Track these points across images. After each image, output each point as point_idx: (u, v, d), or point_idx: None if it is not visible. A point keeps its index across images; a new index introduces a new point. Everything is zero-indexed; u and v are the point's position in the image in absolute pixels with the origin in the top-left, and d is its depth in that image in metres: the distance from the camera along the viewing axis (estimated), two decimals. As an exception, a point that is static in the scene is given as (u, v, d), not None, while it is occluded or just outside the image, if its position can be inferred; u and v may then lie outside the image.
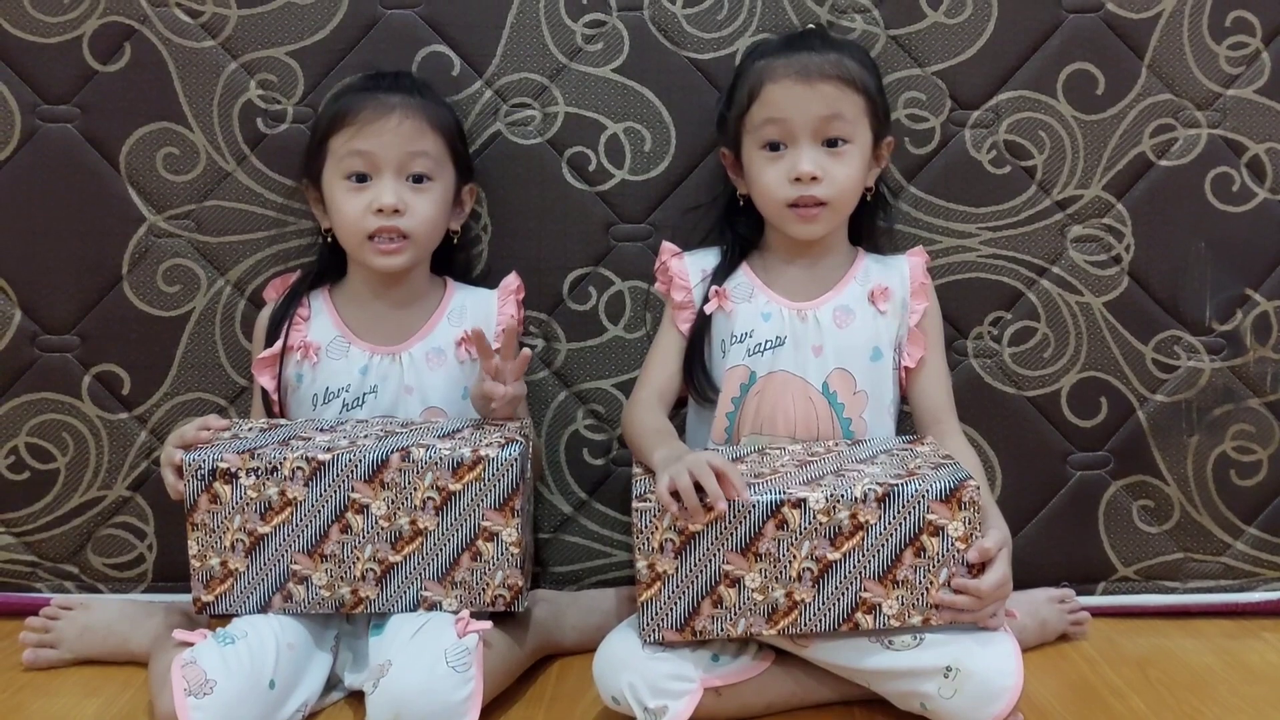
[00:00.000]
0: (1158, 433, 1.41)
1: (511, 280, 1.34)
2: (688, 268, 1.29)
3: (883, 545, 1.09)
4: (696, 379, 1.27)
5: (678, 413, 1.33)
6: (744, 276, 1.29)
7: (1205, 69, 1.39)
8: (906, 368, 1.28)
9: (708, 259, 1.30)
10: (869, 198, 1.29)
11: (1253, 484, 1.42)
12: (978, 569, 1.09)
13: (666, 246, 1.31)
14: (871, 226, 1.33)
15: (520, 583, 1.17)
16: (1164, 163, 1.40)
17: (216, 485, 1.14)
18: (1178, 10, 1.38)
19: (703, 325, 1.27)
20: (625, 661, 1.11)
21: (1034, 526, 1.42)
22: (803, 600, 1.09)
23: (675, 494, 1.07)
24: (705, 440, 1.28)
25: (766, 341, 1.25)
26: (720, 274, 1.28)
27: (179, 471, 1.16)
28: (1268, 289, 1.41)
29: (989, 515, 1.13)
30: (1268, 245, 1.40)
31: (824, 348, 1.25)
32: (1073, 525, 1.42)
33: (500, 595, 1.17)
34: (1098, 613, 1.39)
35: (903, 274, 1.29)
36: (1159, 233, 1.40)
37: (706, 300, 1.27)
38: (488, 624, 1.14)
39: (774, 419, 1.24)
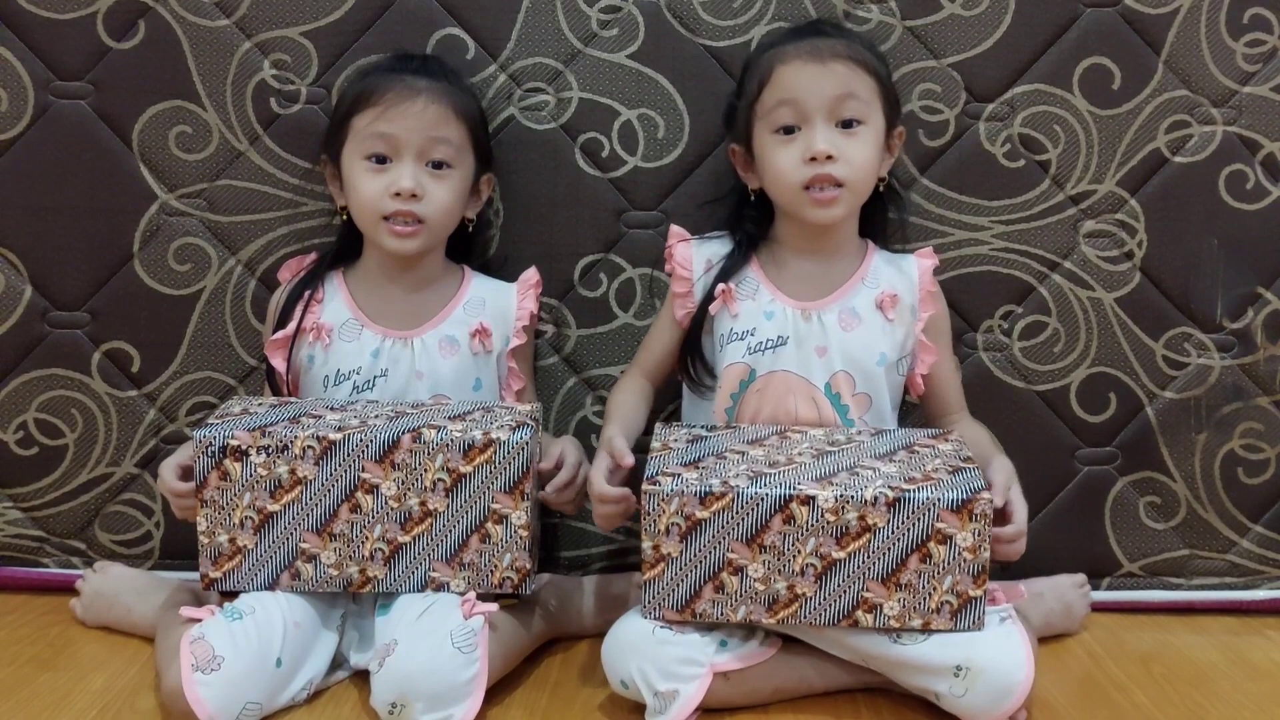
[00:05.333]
0: (1166, 429, 1.41)
1: (531, 275, 1.34)
2: (693, 256, 1.29)
3: (889, 548, 1.09)
4: (694, 369, 1.27)
5: (673, 407, 1.34)
6: (751, 272, 1.28)
7: (1222, 66, 1.38)
8: (920, 374, 1.29)
9: (716, 246, 1.30)
10: (880, 188, 1.28)
11: (1260, 482, 1.42)
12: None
13: (675, 230, 1.31)
14: (883, 220, 1.33)
15: (528, 566, 1.17)
16: (1178, 159, 1.39)
17: (227, 462, 1.14)
18: (1195, 6, 1.38)
19: (701, 317, 1.27)
20: (635, 646, 1.11)
21: (1041, 521, 1.41)
22: (804, 594, 1.10)
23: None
24: None
25: (768, 341, 1.25)
26: (728, 269, 1.28)
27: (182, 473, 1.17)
28: (1279, 287, 1.41)
29: (989, 459, 1.19)
30: (1280, 243, 1.40)
31: (829, 349, 1.24)
32: (1079, 520, 1.42)
33: (508, 578, 1.17)
34: (1102, 608, 1.40)
35: (911, 279, 1.28)
36: (1172, 229, 1.39)
37: (711, 298, 1.26)
38: (494, 606, 1.14)
39: (775, 417, 1.24)
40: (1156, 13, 1.38)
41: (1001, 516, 1.13)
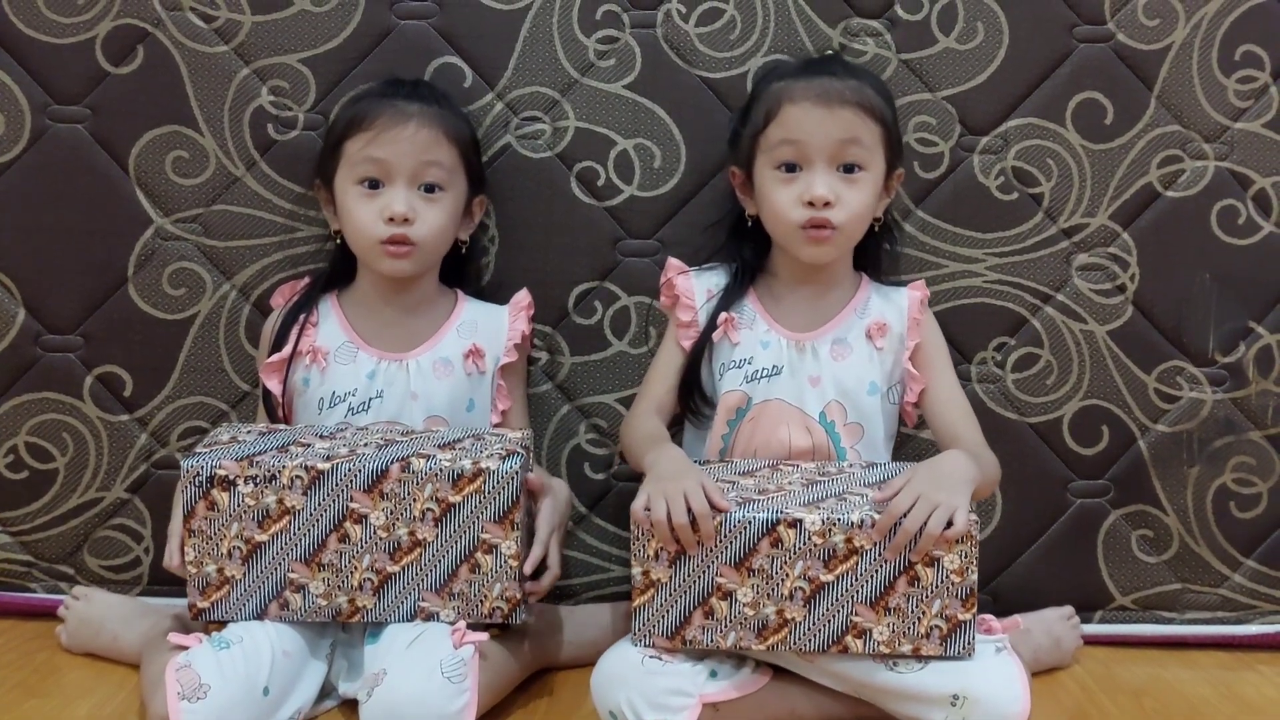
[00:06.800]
0: (1158, 463, 1.41)
1: (522, 297, 1.35)
2: (694, 287, 1.29)
3: (876, 571, 1.09)
4: (692, 399, 1.28)
5: (674, 432, 1.33)
6: (749, 302, 1.29)
7: (1214, 102, 1.39)
8: (910, 403, 1.28)
9: (714, 278, 1.31)
10: (876, 228, 1.29)
11: (1252, 516, 1.42)
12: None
13: (673, 263, 1.32)
14: (877, 255, 1.34)
15: (518, 595, 1.17)
16: (1170, 194, 1.40)
17: (214, 492, 1.14)
18: (1188, 43, 1.39)
19: (704, 346, 1.27)
20: (623, 677, 1.11)
21: (1033, 553, 1.41)
22: (793, 619, 1.10)
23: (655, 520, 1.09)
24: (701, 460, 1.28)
25: (764, 370, 1.25)
26: (728, 298, 1.28)
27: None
28: (1271, 322, 1.41)
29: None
30: (1272, 278, 1.40)
31: (821, 378, 1.25)
32: (1072, 553, 1.41)
33: (498, 607, 1.16)
34: (1094, 641, 1.39)
35: (901, 309, 1.29)
36: (1164, 263, 1.40)
37: (714, 326, 1.26)
38: (484, 635, 1.14)
39: (769, 445, 1.25)
40: (1149, 49, 1.39)
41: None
